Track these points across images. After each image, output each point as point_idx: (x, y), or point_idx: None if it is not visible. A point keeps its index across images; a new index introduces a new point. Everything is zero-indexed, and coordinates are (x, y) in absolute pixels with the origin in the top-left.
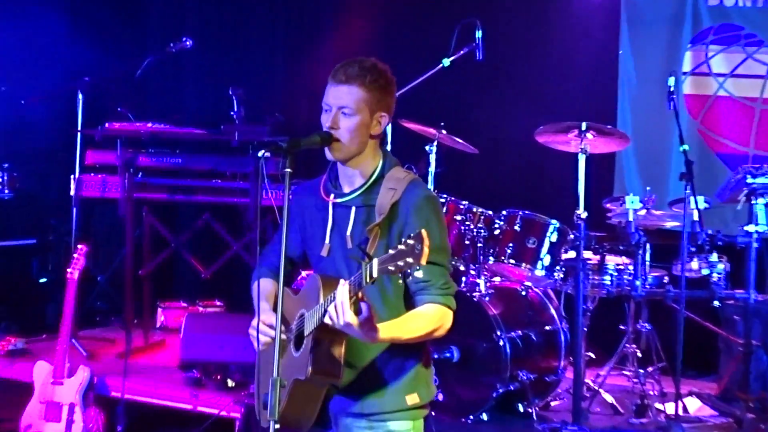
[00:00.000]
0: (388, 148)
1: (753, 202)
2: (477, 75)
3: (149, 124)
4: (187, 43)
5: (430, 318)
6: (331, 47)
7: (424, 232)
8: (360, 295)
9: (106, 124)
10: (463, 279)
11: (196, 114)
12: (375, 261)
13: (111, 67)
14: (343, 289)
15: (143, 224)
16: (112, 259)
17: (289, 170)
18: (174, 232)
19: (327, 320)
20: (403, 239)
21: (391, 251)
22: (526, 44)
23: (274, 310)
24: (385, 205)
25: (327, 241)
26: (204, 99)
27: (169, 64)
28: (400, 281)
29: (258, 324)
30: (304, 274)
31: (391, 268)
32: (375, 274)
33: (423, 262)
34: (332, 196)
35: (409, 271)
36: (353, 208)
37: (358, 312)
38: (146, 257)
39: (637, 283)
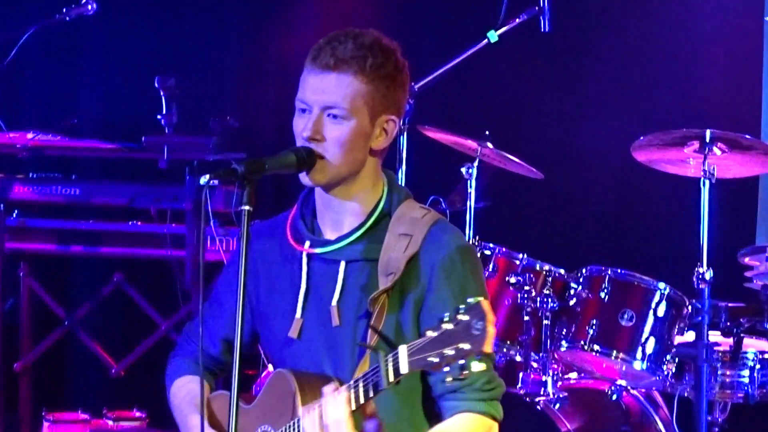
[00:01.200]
0: (402, 170)
1: None
2: (541, 57)
3: (29, 135)
4: (90, 7)
5: None
6: (311, 13)
7: (484, 302)
8: (371, 407)
9: None
10: (521, 375)
11: (103, 119)
12: (403, 349)
13: None
14: (339, 401)
15: (20, 291)
16: None
17: (248, 207)
18: (68, 304)
19: None
20: (448, 314)
21: (430, 333)
22: (617, 8)
23: (213, 426)
24: (398, 261)
25: (299, 314)
26: (115, 95)
27: (61, 40)
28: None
29: None
30: (270, 368)
31: (434, 359)
32: (405, 370)
33: (487, 348)
34: (308, 243)
35: (462, 362)
36: (343, 264)
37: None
38: (25, 342)
39: None
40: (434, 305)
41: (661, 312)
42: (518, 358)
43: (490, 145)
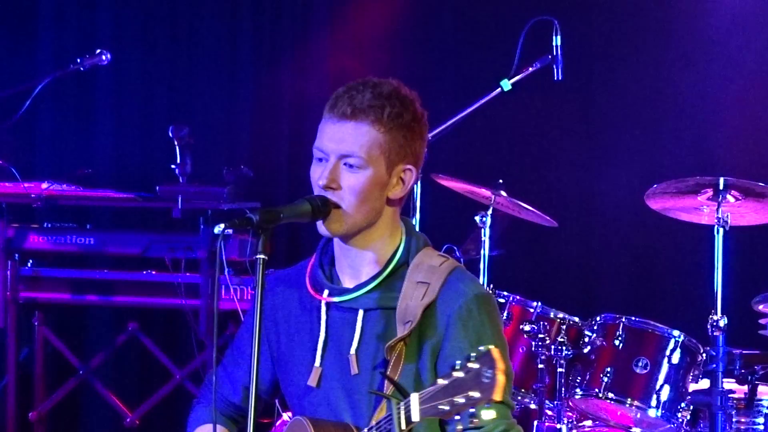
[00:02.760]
0: (417, 219)
1: None
2: (554, 106)
3: (44, 185)
4: (104, 57)
5: None
6: (325, 62)
7: (494, 350)
8: None
9: None
10: (535, 424)
11: (117, 169)
12: (414, 398)
13: None
14: None
15: (34, 340)
16: None
17: (263, 256)
18: (83, 353)
19: None
20: (460, 362)
21: (441, 381)
22: (630, 56)
23: None
24: (415, 309)
25: (318, 363)
26: (129, 145)
27: (75, 91)
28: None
29: None
30: (285, 417)
31: (444, 407)
32: (416, 418)
33: (497, 397)
34: (326, 292)
35: (473, 410)
36: (361, 313)
37: None
38: (39, 391)
39: None
40: (451, 354)
41: (675, 359)
42: (533, 406)
43: (503, 193)
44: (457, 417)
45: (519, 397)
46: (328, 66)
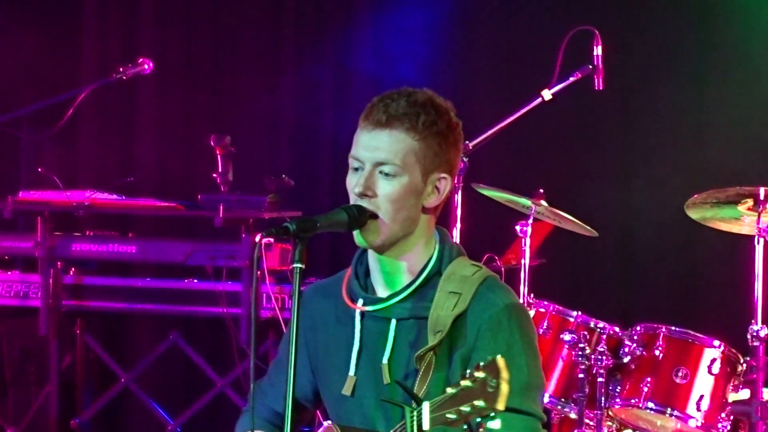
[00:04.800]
0: (458, 228)
1: None
2: (595, 115)
3: (87, 193)
4: (146, 66)
5: None
6: (366, 71)
7: (500, 359)
8: None
9: (20, 194)
10: None
11: (159, 177)
12: (426, 406)
13: (25, 103)
14: None
15: (76, 348)
16: (28, 403)
17: (299, 265)
18: (124, 361)
19: None
20: (468, 371)
21: (449, 390)
22: (670, 66)
23: None
24: (445, 319)
25: (352, 372)
26: (171, 154)
27: (117, 100)
28: None
29: None
30: (326, 424)
31: (452, 416)
32: (426, 426)
33: (500, 406)
34: (361, 301)
35: (480, 419)
36: (393, 322)
37: None
38: (82, 399)
39: None
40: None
41: (715, 369)
42: (573, 416)
43: (544, 203)
44: (465, 426)
45: (559, 407)
46: (369, 75)
